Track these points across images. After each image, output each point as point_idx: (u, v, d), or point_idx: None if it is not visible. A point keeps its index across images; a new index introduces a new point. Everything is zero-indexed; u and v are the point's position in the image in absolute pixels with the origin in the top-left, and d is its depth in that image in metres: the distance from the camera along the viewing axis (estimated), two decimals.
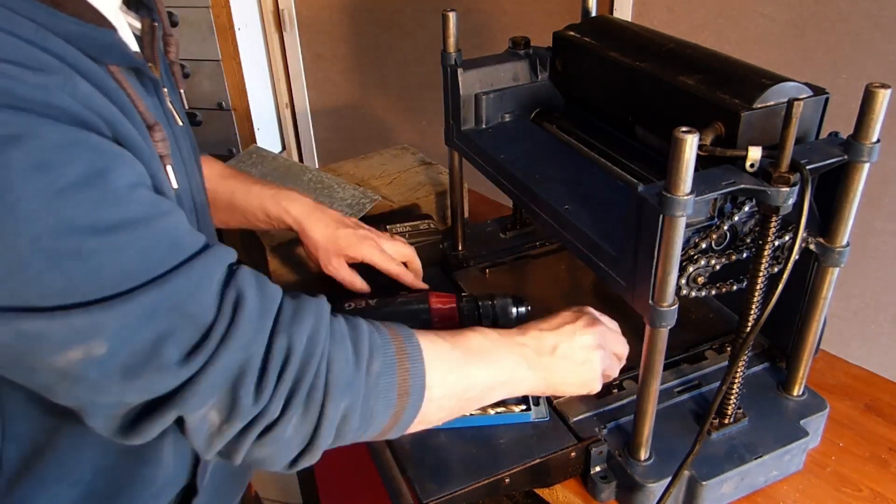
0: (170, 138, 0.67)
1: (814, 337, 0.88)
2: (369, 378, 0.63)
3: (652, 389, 0.77)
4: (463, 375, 0.71)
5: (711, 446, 0.85)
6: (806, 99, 0.74)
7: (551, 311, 0.85)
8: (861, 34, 1.47)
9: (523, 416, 0.89)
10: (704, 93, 0.79)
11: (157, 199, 0.57)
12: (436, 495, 0.80)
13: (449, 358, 0.70)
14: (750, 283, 0.77)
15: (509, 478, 0.84)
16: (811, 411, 0.90)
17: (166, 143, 0.63)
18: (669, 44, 0.89)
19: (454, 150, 1.14)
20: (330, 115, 2.51)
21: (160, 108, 0.69)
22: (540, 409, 0.90)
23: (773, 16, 1.56)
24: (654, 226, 0.67)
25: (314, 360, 0.58)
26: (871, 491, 0.86)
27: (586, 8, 1.08)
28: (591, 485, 0.86)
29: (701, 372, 0.96)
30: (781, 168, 0.68)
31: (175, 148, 0.69)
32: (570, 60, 1.05)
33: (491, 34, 2.03)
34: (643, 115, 0.93)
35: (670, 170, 0.63)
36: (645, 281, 0.71)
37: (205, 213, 0.78)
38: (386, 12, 2.20)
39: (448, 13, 1.02)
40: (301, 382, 0.58)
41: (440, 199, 1.34)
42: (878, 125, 0.71)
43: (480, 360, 0.73)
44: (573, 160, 0.98)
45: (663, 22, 1.70)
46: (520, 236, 1.28)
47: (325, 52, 2.38)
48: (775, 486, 0.88)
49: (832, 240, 0.80)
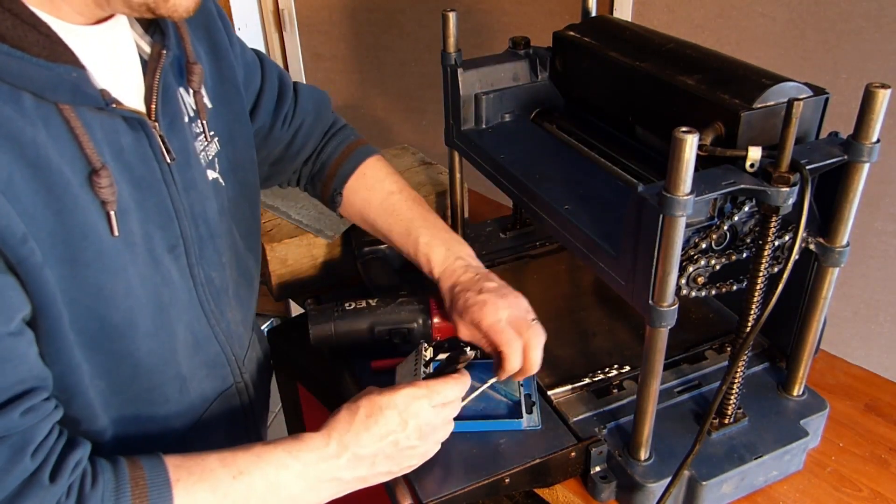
0: (135, 180, 0.66)
1: (814, 337, 0.88)
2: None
3: (652, 389, 0.77)
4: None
5: (711, 446, 0.85)
6: (806, 99, 0.74)
7: (551, 311, 0.85)
8: (861, 34, 1.47)
9: (514, 423, 0.89)
10: (704, 93, 0.79)
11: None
12: (436, 495, 0.80)
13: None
14: (750, 283, 0.77)
15: (509, 478, 0.84)
16: (811, 411, 0.90)
17: (113, 188, 0.62)
18: (669, 44, 0.89)
19: (454, 150, 1.14)
20: None
21: (141, 144, 0.67)
22: (532, 418, 0.90)
23: (773, 16, 1.56)
24: (654, 226, 0.67)
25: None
26: (871, 491, 0.86)
27: (586, 8, 1.08)
28: (591, 485, 0.86)
29: (701, 372, 0.96)
30: (781, 168, 0.68)
31: (138, 190, 0.67)
32: (570, 60, 1.05)
33: (491, 34, 2.03)
34: (643, 115, 0.93)
35: (670, 170, 0.63)
36: (645, 281, 0.71)
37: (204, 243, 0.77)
38: (386, 12, 2.20)
39: (448, 13, 1.02)
40: None
41: (440, 199, 1.34)
42: (878, 125, 0.71)
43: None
44: (573, 160, 0.98)
45: (663, 22, 1.70)
46: (520, 236, 1.28)
47: (324, 52, 2.38)
48: (775, 486, 0.88)
49: (832, 240, 0.80)
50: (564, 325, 1.07)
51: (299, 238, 1.21)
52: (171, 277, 0.73)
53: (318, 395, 1.24)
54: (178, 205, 0.72)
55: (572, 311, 1.10)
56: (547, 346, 1.00)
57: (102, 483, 0.59)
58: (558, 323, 1.07)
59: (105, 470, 0.61)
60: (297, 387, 1.33)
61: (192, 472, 0.64)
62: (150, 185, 0.69)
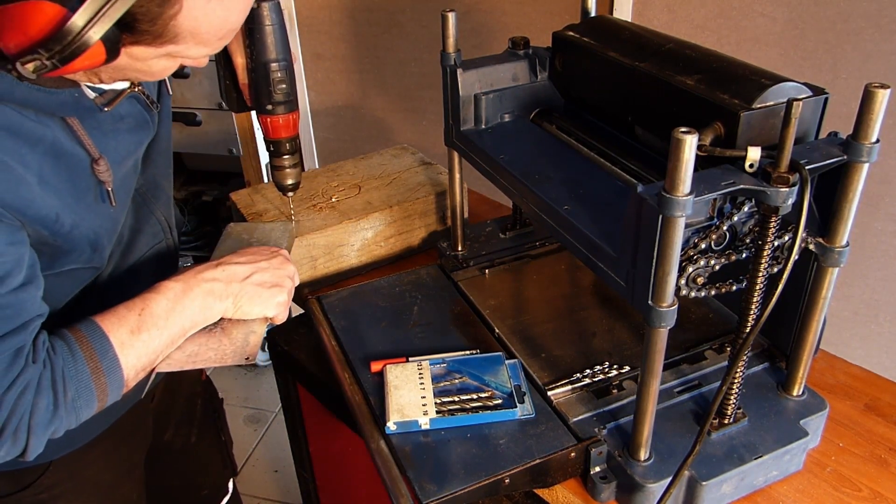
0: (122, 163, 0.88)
1: (813, 337, 0.88)
2: (67, 404, 0.78)
3: (652, 389, 0.77)
4: (153, 349, 0.83)
5: (711, 446, 0.85)
6: (805, 99, 0.74)
7: (551, 311, 0.85)
8: (861, 34, 1.47)
9: (509, 413, 0.90)
10: (704, 93, 0.79)
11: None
12: (436, 495, 0.81)
13: (139, 345, 0.82)
14: (750, 283, 0.77)
15: (509, 478, 0.84)
16: (811, 411, 0.90)
17: (109, 172, 0.83)
18: (669, 44, 0.89)
19: (454, 151, 1.14)
20: (330, 115, 2.50)
21: (134, 105, 0.87)
22: (525, 407, 0.91)
23: (773, 16, 1.56)
24: (654, 226, 0.67)
25: (16, 416, 0.74)
26: (871, 491, 0.86)
27: (586, 8, 1.08)
28: (590, 485, 0.86)
29: (701, 372, 0.96)
30: (781, 168, 0.68)
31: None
32: (570, 60, 1.05)
33: (491, 34, 2.03)
34: (643, 115, 0.93)
35: (670, 170, 0.63)
36: (644, 281, 0.71)
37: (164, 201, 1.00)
38: (386, 12, 2.20)
39: (447, 13, 1.02)
40: (4, 430, 0.74)
41: (440, 199, 1.34)
42: (877, 125, 0.71)
43: (166, 322, 0.84)
44: (573, 160, 0.98)
45: (663, 22, 1.70)
46: (520, 236, 1.28)
47: (324, 52, 2.38)
48: (775, 486, 0.88)
49: (832, 240, 0.80)
50: (564, 324, 1.07)
51: (299, 239, 1.21)
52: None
53: (318, 395, 1.24)
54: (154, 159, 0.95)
55: (572, 311, 1.10)
56: (547, 346, 1.00)
57: (59, 350, 0.78)
58: (558, 323, 1.07)
59: (56, 341, 0.78)
60: (297, 387, 1.33)
61: (113, 321, 0.82)
62: (112, 174, 0.84)
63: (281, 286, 0.92)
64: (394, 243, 1.34)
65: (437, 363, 0.98)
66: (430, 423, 0.89)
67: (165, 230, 1.02)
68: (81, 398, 0.79)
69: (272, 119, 1.05)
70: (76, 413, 0.79)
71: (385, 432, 0.90)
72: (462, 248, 1.24)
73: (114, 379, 0.80)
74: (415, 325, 1.09)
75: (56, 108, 0.77)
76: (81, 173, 0.81)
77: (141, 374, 0.84)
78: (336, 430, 1.22)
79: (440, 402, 0.92)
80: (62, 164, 0.78)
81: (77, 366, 0.78)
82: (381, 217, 1.29)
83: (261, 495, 2.18)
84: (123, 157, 0.87)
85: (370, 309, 1.13)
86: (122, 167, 0.87)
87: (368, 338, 1.07)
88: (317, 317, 1.13)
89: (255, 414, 2.46)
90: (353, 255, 1.30)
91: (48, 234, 0.78)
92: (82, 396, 0.79)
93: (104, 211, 0.85)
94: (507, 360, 0.98)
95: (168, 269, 1.04)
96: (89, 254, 0.86)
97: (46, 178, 0.76)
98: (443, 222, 1.37)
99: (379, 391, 0.96)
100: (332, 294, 1.17)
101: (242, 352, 0.88)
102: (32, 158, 0.74)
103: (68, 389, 0.78)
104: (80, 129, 0.80)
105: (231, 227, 1.15)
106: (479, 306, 1.12)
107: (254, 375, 2.61)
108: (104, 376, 0.79)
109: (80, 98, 0.79)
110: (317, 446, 1.42)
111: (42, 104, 0.75)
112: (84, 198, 0.82)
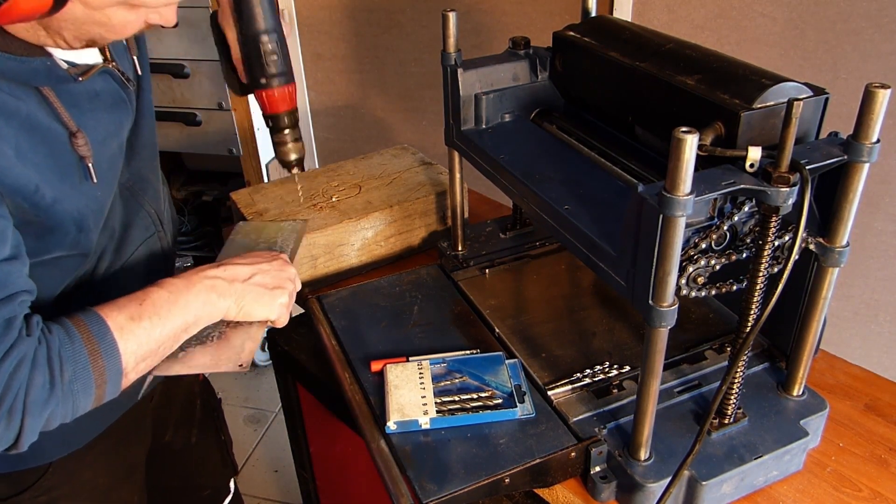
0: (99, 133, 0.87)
1: (813, 337, 0.88)
2: (64, 385, 0.76)
3: (652, 389, 0.77)
4: (154, 338, 0.82)
5: (711, 446, 0.85)
6: (806, 99, 0.74)
7: (551, 311, 0.85)
8: (861, 34, 1.47)
9: (509, 413, 0.90)
10: (704, 93, 0.79)
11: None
12: (436, 495, 0.81)
13: (139, 332, 0.81)
14: (750, 283, 0.77)
15: (509, 478, 0.84)
16: (811, 411, 0.90)
17: (88, 146, 0.82)
18: (669, 44, 0.89)
19: (454, 151, 1.14)
20: (330, 115, 2.50)
21: (107, 81, 0.86)
22: (525, 407, 0.91)
23: (773, 16, 1.56)
24: (654, 226, 0.67)
25: (11, 392, 0.72)
26: (871, 491, 0.86)
27: (586, 8, 1.08)
28: (591, 485, 0.86)
29: (701, 372, 0.96)
30: (781, 168, 0.68)
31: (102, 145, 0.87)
32: (570, 60, 1.05)
33: (491, 34, 2.03)
34: (643, 115, 0.93)
35: (670, 170, 0.63)
36: (645, 281, 0.71)
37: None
38: (386, 12, 2.20)
39: (448, 13, 1.02)
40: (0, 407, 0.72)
41: (440, 199, 1.34)
42: (877, 125, 0.71)
43: (168, 313, 0.83)
44: (573, 160, 0.98)
45: (663, 22, 1.70)
46: (520, 236, 1.28)
47: (324, 52, 2.38)
48: (775, 486, 0.88)
49: (832, 240, 0.80)
50: (564, 324, 1.07)
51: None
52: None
53: (318, 395, 1.24)
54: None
55: (572, 311, 1.11)
56: (547, 346, 1.00)
57: (56, 332, 0.77)
58: (558, 323, 1.07)
59: (52, 325, 0.77)
60: (297, 387, 1.33)
61: (112, 308, 0.81)
62: (91, 148, 0.83)
63: (282, 288, 0.93)
64: (394, 243, 1.34)
65: (437, 363, 0.98)
66: (430, 422, 0.89)
67: (157, 223, 1.02)
68: (79, 381, 0.77)
69: (267, 93, 1.02)
70: (73, 398, 0.77)
71: (385, 432, 0.90)
72: (462, 247, 1.24)
73: (112, 364, 0.78)
74: (415, 324, 1.10)
75: (29, 77, 0.76)
76: (61, 149, 0.80)
77: (141, 366, 0.82)
78: (336, 430, 1.22)
79: (440, 401, 0.92)
80: (39, 138, 0.77)
81: (74, 346, 0.76)
82: (382, 217, 1.30)
83: (261, 495, 2.18)
84: (104, 136, 0.86)
85: (370, 309, 1.14)
86: (105, 147, 0.87)
87: (368, 337, 1.07)
88: (317, 316, 1.13)
89: (255, 414, 2.46)
90: (354, 255, 1.30)
91: (29, 207, 0.76)
92: (79, 379, 0.77)
93: (88, 190, 0.84)
94: (507, 360, 0.98)
95: (162, 265, 1.04)
96: (75, 234, 0.84)
97: (23, 151, 0.75)
98: (443, 222, 1.37)
99: (379, 391, 0.96)
100: (332, 294, 1.17)
101: (237, 358, 0.88)
102: (8, 132, 0.73)
103: (65, 370, 0.76)
104: (56, 102, 0.79)
105: (240, 226, 1.16)
106: (479, 306, 1.12)
107: (254, 375, 2.62)
108: (102, 359, 0.77)
109: (53, 67, 0.78)
110: (317, 446, 1.42)
111: (14, 73, 0.74)
112: (68, 177, 0.81)
